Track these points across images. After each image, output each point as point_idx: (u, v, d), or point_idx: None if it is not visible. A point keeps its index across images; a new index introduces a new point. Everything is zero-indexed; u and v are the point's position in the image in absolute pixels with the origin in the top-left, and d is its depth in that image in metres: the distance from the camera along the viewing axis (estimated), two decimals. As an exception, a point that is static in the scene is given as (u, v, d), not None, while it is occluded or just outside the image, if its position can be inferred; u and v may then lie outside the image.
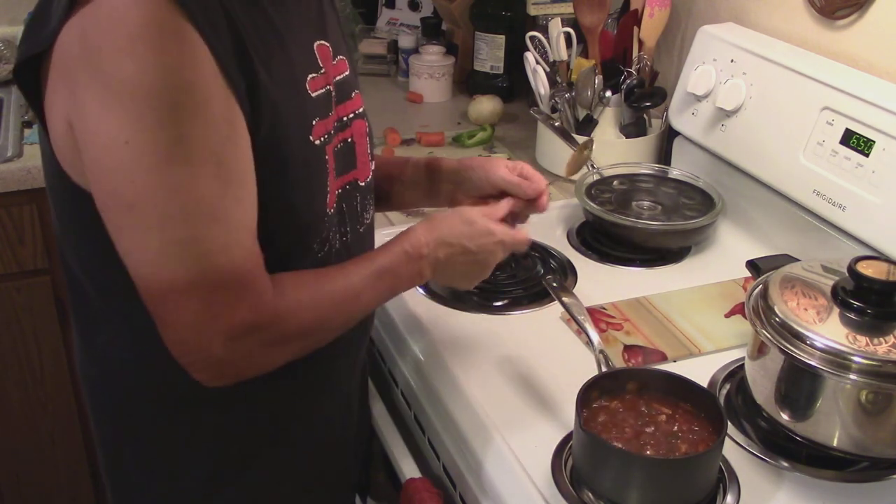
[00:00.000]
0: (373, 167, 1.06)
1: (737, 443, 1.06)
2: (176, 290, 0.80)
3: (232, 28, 0.79)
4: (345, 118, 0.98)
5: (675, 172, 1.53)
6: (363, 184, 1.03)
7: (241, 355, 0.85)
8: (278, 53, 0.85)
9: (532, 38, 1.73)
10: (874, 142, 1.20)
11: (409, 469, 1.13)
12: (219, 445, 1.02)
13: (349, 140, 0.99)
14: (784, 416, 1.03)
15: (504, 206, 1.11)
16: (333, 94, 0.95)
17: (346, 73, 0.99)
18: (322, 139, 0.92)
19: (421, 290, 1.31)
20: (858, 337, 0.96)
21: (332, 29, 0.98)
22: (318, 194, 0.94)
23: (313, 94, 0.91)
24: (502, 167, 1.14)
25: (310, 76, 0.91)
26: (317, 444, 1.09)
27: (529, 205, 1.15)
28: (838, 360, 0.95)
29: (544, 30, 1.74)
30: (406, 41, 2.22)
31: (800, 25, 1.43)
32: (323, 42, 0.95)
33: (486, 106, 1.95)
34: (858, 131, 1.22)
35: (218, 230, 0.80)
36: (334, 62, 0.96)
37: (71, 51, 0.77)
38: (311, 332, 0.91)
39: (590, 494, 0.97)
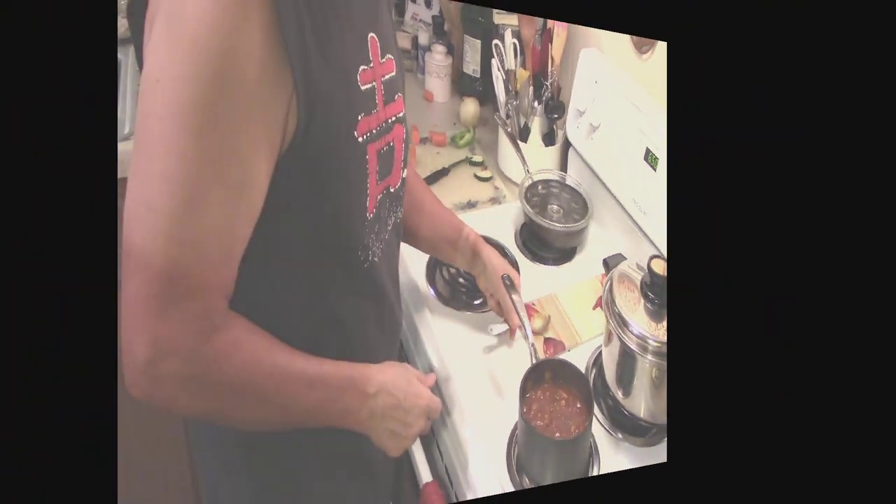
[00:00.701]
0: (404, 174, 1.00)
1: (598, 420, 1.19)
2: (133, 257, 0.71)
3: (298, 6, 0.75)
4: (389, 120, 0.92)
5: (569, 179, 1.65)
6: (393, 190, 0.98)
7: (161, 379, 0.74)
8: (336, 38, 0.80)
9: (496, 45, 1.77)
10: (659, 158, 1.36)
11: (426, 474, 1.14)
12: (297, 476, 1.00)
13: (391, 144, 0.93)
14: (619, 394, 1.14)
15: (433, 376, 1.11)
16: (382, 92, 0.91)
17: (393, 73, 0.94)
18: (365, 136, 0.86)
19: (431, 292, 1.40)
20: (652, 323, 1.07)
21: (383, 25, 0.93)
22: (359, 194, 0.88)
23: (362, 88, 0.86)
24: (502, 284, 1.24)
25: (361, 67, 0.86)
26: (365, 456, 1.06)
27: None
28: (643, 344, 1.06)
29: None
30: (423, 38, 2.21)
31: (627, 57, 1.56)
32: (374, 35, 0.90)
33: (470, 108, 2.01)
34: (651, 149, 1.38)
35: (196, 218, 0.72)
36: (382, 60, 0.92)
37: None
38: (226, 392, 0.80)
39: (526, 480, 1.05)
